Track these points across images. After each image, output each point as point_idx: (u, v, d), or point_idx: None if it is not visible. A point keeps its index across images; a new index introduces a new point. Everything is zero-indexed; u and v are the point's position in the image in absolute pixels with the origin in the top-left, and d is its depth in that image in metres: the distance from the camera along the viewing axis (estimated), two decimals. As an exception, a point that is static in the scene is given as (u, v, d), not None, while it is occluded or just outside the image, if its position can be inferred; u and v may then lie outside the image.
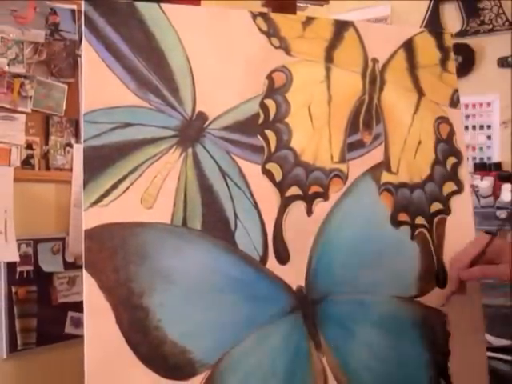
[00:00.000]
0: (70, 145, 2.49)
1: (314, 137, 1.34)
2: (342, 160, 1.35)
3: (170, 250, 1.19)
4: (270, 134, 1.30)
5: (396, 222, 1.37)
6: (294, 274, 1.27)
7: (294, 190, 1.30)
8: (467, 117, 4.35)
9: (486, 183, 3.95)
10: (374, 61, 1.43)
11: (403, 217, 1.37)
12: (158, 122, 1.23)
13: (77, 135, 2.49)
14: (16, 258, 2.25)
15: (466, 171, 1.47)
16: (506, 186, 3.89)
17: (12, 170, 2.25)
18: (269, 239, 1.26)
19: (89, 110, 1.20)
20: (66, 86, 2.48)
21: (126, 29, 1.24)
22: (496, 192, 3.94)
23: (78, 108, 2.48)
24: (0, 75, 2.20)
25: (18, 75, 2.28)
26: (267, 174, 1.29)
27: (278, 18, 1.37)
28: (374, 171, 1.38)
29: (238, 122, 1.29)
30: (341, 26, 1.42)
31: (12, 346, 2.35)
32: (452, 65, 1.52)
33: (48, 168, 2.44)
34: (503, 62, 4.31)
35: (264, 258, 1.25)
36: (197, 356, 1.18)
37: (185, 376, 1.17)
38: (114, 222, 1.17)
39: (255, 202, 1.27)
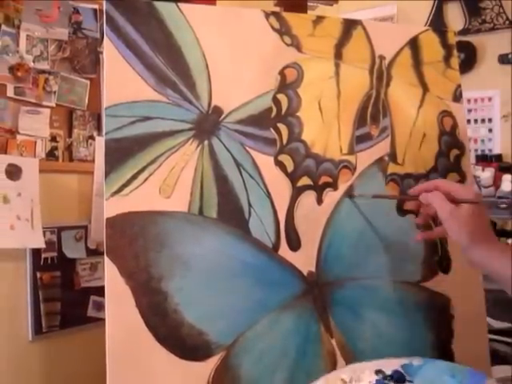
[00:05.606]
0: (92, 137, 2.48)
1: (324, 130, 1.34)
2: (351, 152, 1.35)
3: (188, 238, 1.19)
4: (282, 127, 1.30)
5: (402, 211, 1.36)
6: (304, 260, 1.27)
7: (305, 181, 1.30)
8: (469, 111, 4.33)
9: (487, 174, 3.94)
10: (381, 58, 1.43)
11: (408, 206, 1.37)
12: (176, 116, 1.23)
13: (99, 128, 2.49)
14: (42, 245, 2.25)
15: (468, 162, 1.47)
16: (506, 177, 3.88)
17: (37, 162, 2.25)
18: (281, 227, 1.26)
19: (110, 104, 1.20)
20: (88, 82, 2.47)
21: (146, 27, 1.24)
22: (497, 182, 3.93)
23: (99, 102, 2.47)
24: (26, 71, 2.20)
25: (42, 71, 2.27)
26: (279, 165, 1.29)
27: (289, 16, 1.37)
28: (381, 162, 1.38)
29: (252, 116, 1.29)
30: (349, 25, 1.42)
31: (37, 329, 2.35)
32: (455, 61, 1.52)
33: (71, 159, 2.43)
34: (503, 59, 4.29)
35: (276, 245, 1.25)
36: (213, 338, 1.18)
37: (201, 357, 1.17)
38: (134, 210, 1.17)
39: (268, 192, 1.27)
